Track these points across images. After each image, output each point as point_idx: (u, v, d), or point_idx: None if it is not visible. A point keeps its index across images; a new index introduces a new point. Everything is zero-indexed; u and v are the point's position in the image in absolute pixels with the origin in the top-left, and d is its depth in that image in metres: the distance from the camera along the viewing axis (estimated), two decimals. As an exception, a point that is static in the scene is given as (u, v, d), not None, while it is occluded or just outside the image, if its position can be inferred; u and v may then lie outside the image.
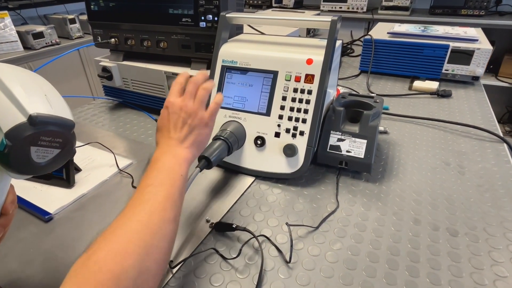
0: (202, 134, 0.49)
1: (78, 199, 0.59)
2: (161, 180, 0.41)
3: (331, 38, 0.58)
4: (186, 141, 0.47)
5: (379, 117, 0.62)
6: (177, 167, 0.43)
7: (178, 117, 0.47)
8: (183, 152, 0.46)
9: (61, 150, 0.32)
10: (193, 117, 0.48)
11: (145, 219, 0.36)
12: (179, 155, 0.45)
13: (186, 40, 0.78)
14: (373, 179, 0.62)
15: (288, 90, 0.60)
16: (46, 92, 0.32)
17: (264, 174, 0.62)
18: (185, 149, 0.46)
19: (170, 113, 0.48)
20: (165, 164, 0.43)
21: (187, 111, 0.48)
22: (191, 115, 0.48)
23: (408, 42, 1.08)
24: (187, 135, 0.47)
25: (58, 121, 0.31)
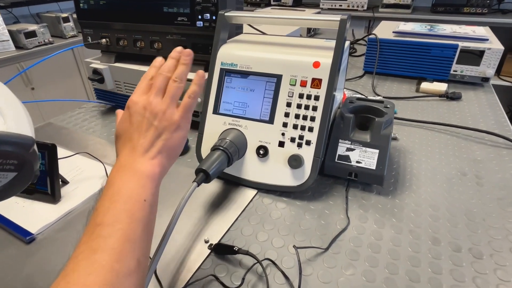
0: (173, 138, 0.39)
1: (63, 216, 0.53)
2: (115, 214, 0.31)
3: (340, 39, 0.53)
4: (152, 150, 0.37)
5: (391, 125, 0.57)
6: (138, 191, 0.34)
7: (141, 119, 0.38)
8: (147, 166, 0.36)
9: (17, 173, 0.27)
10: (160, 117, 0.38)
11: (93, 281, 0.27)
12: (142, 171, 0.35)
13: (182, 41, 0.72)
14: (385, 191, 0.58)
15: (293, 95, 0.56)
16: None
17: (267, 186, 0.57)
18: (151, 161, 0.37)
19: (132, 113, 0.38)
20: (121, 189, 0.33)
21: (152, 111, 0.38)
22: (157, 115, 0.38)
23: (415, 42, 1.04)
24: (153, 140, 0.37)
25: (10, 139, 0.25)
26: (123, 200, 0.33)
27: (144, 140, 0.37)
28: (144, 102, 0.39)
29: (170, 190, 0.58)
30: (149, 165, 0.36)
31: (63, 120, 0.86)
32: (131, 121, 0.38)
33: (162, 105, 0.39)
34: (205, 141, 0.61)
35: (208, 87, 0.61)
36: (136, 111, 0.38)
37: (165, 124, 0.38)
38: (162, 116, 0.38)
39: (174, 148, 0.40)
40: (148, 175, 0.36)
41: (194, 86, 0.42)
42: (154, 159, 0.37)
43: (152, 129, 0.38)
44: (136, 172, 0.35)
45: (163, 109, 0.39)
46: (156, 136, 0.38)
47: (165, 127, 0.38)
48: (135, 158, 0.36)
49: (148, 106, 0.38)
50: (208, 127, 0.61)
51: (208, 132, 0.61)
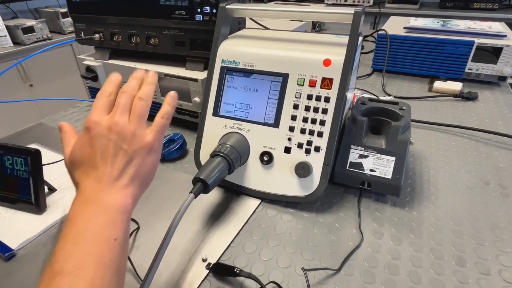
0: (145, 163, 0.33)
1: (48, 228, 0.49)
2: (79, 259, 0.26)
3: (354, 34, 0.48)
4: (122, 178, 0.32)
5: (408, 129, 0.52)
6: (107, 229, 0.29)
7: (107, 142, 0.32)
8: (117, 198, 0.31)
9: None
10: (129, 139, 0.32)
11: None
12: (112, 205, 0.30)
13: (180, 36, 0.67)
14: (401, 202, 0.52)
15: (300, 96, 0.50)
16: None
17: (272, 196, 0.52)
18: (121, 192, 0.31)
19: (94, 136, 0.32)
20: (87, 228, 0.28)
21: (120, 132, 0.32)
22: (126, 137, 0.32)
23: (427, 38, 0.98)
24: (123, 167, 0.32)
25: None
26: (88, 241, 0.28)
27: (112, 168, 0.32)
28: (108, 122, 0.32)
29: (166, 198, 0.53)
30: (119, 197, 0.31)
31: (54, 121, 0.81)
32: (93, 144, 0.32)
33: (131, 126, 0.33)
34: (204, 146, 0.57)
35: (207, 86, 0.56)
36: (99, 133, 0.32)
37: (136, 147, 0.33)
38: (132, 138, 0.33)
39: (148, 174, 0.34)
40: (119, 209, 0.31)
41: (167, 107, 0.37)
42: (125, 189, 0.32)
43: (121, 154, 0.32)
44: (104, 207, 0.30)
45: (133, 130, 0.33)
46: (126, 162, 0.32)
47: (136, 150, 0.33)
48: (102, 189, 0.31)
49: (114, 127, 0.32)
50: (208, 130, 0.56)
51: (207, 135, 0.56)
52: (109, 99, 0.34)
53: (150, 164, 0.34)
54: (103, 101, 0.34)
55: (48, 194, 0.55)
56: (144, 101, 0.35)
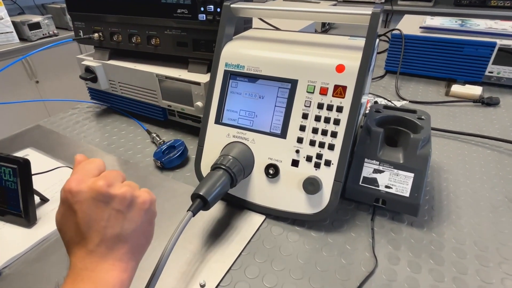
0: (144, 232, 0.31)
1: (38, 244, 0.46)
2: None
3: (371, 37, 0.43)
4: (117, 248, 0.29)
5: (429, 143, 0.47)
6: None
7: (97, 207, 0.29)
8: (113, 273, 0.28)
9: None
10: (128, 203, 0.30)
11: None
12: (109, 281, 0.28)
13: (182, 36, 0.63)
14: (419, 222, 0.48)
15: (310, 105, 0.46)
16: None
17: (277, 213, 0.48)
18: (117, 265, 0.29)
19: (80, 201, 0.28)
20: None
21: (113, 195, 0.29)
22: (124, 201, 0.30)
23: (445, 39, 0.92)
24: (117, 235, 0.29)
25: None
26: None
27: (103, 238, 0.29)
28: (93, 184, 0.29)
29: (163, 212, 0.50)
30: (115, 272, 0.28)
31: (53, 123, 0.78)
32: (82, 211, 0.28)
33: (125, 187, 0.30)
34: (205, 155, 0.53)
35: (210, 92, 0.52)
36: (87, 198, 0.28)
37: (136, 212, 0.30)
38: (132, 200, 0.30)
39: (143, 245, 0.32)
40: (116, 284, 0.28)
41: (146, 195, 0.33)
42: (121, 262, 0.29)
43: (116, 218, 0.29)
44: (98, 284, 0.27)
45: (130, 191, 0.30)
46: (120, 227, 0.29)
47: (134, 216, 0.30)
48: (95, 263, 0.28)
49: (104, 188, 0.29)
50: (209, 139, 0.52)
51: (209, 144, 0.52)
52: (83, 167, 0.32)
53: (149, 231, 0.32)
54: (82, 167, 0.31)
55: (40, 204, 0.52)
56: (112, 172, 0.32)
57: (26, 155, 0.65)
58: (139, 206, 0.31)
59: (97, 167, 0.32)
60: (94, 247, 0.28)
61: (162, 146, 0.63)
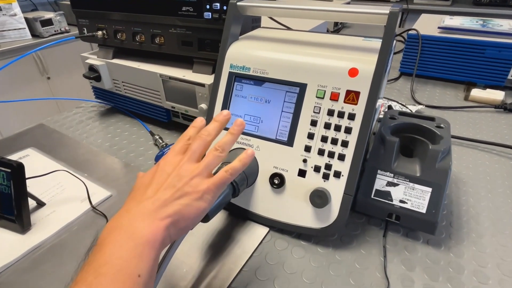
0: (191, 207, 0.31)
1: (31, 251, 0.44)
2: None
3: (388, 39, 0.40)
4: (163, 210, 0.29)
5: (449, 155, 0.44)
6: (132, 262, 0.26)
7: (165, 177, 0.32)
8: (150, 228, 0.28)
9: None
10: (185, 181, 0.31)
11: None
12: (142, 235, 0.28)
13: (187, 35, 0.61)
14: (436, 240, 0.44)
15: (320, 111, 0.43)
16: None
17: (282, 225, 0.45)
18: (156, 223, 0.29)
19: (158, 171, 0.33)
20: (111, 258, 0.26)
21: (179, 173, 0.32)
22: (183, 179, 0.32)
23: (466, 40, 0.87)
24: (168, 201, 0.30)
25: None
26: (111, 275, 0.25)
27: (157, 197, 0.30)
28: (175, 162, 0.33)
29: (162, 221, 0.47)
30: (152, 227, 0.29)
31: (56, 122, 0.77)
32: (154, 176, 0.33)
33: (193, 171, 0.32)
34: (207, 162, 0.50)
35: (213, 94, 0.50)
36: (163, 169, 0.33)
37: (188, 190, 0.31)
38: (188, 181, 0.32)
39: (189, 218, 0.31)
40: (148, 241, 0.28)
41: (237, 163, 0.35)
42: (161, 220, 0.29)
43: (171, 189, 0.31)
44: (133, 235, 0.28)
45: (192, 175, 0.32)
46: (173, 197, 0.31)
47: (187, 192, 0.31)
48: (138, 215, 0.29)
49: (177, 167, 0.33)
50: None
51: (211, 150, 0.49)
52: (187, 143, 0.35)
53: (195, 210, 0.31)
54: (180, 144, 0.35)
55: (36, 209, 0.50)
56: (218, 152, 0.34)
57: (26, 155, 0.63)
58: (197, 191, 0.31)
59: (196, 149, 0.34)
60: (146, 200, 0.30)
61: (164, 150, 0.60)
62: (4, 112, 1.98)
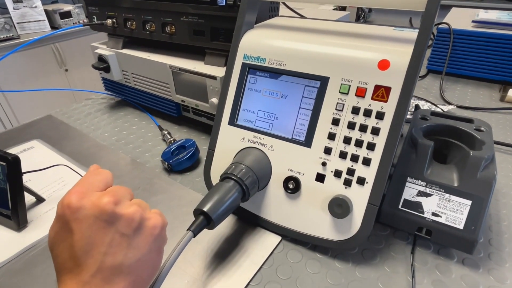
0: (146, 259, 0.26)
1: (26, 250, 0.41)
2: None
3: (427, 27, 0.34)
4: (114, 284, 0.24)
5: (493, 163, 0.38)
6: None
7: (101, 228, 0.24)
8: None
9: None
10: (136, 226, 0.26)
11: None
12: None
13: (199, 24, 0.56)
14: (473, 260, 0.39)
15: (343, 109, 0.38)
16: None
17: (296, 235, 0.41)
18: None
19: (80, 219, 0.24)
20: None
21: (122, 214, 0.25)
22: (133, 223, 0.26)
23: (503, 35, 0.79)
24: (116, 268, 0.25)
25: None
26: None
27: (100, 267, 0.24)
28: (98, 200, 0.25)
29: (165, 224, 0.44)
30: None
31: (65, 114, 0.75)
32: (80, 231, 0.24)
33: (134, 207, 0.26)
34: (216, 161, 0.46)
35: (224, 87, 0.45)
36: (88, 216, 0.24)
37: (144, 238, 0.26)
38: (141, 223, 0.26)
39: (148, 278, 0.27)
40: None
41: None
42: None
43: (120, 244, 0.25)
44: None
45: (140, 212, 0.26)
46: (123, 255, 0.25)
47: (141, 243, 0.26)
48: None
49: (110, 206, 0.25)
50: (222, 142, 0.45)
51: (220, 148, 0.45)
52: None
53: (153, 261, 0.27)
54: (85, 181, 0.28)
55: (35, 205, 0.47)
56: None
57: (31, 147, 0.61)
58: (148, 231, 0.27)
59: (104, 180, 0.28)
60: (89, 277, 0.24)
61: (172, 146, 0.57)
62: (23, 102, 2.01)
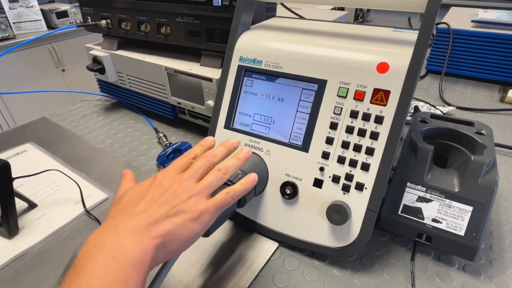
0: (186, 228, 0.28)
1: (16, 258, 0.40)
2: None
3: (427, 29, 0.33)
4: (154, 227, 0.26)
5: (494, 168, 0.37)
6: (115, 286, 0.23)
7: (162, 191, 0.29)
8: (139, 247, 0.25)
9: None
10: (182, 199, 0.29)
11: None
12: (129, 255, 0.24)
13: (194, 25, 0.55)
14: (474, 267, 0.38)
15: (341, 113, 0.37)
16: None
17: (293, 241, 0.40)
18: (147, 241, 0.26)
19: (155, 183, 0.30)
20: (93, 283, 0.22)
21: (177, 190, 0.29)
22: (181, 196, 0.29)
23: (503, 35, 0.78)
24: (162, 219, 0.27)
25: None
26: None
27: (150, 212, 0.27)
28: (174, 178, 0.31)
29: (160, 230, 0.43)
30: (142, 247, 0.25)
31: (59, 116, 0.74)
32: (149, 189, 0.30)
33: (192, 189, 0.30)
34: (212, 165, 0.45)
35: (220, 90, 0.44)
36: (160, 183, 0.30)
37: (185, 208, 0.28)
38: (185, 199, 0.29)
39: (181, 240, 0.28)
40: (136, 262, 0.24)
41: (239, 186, 0.32)
42: (152, 240, 0.26)
43: (166, 206, 0.28)
44: (119, 255, 0.24)
45: (191, 193, 0.29)
46: (167, 215, 0.28)
47: (183, 211, 0.28)
48: (126, 232, 0.26)
49: (176, 184, 0.30)
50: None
51: (216, 153, 0.44)
52: (191, 161, 0.33)
53: (190, 232, 0.28)
54: (183, 160, 0.33)
55: (27, 210, 0.46)
56: (220, 174, 0.32)
57: (24, 150, 0.60)
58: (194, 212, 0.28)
59: None
60: (138, 217, 0.27)
61: (167, 149, 0.56)
62: (19, 103, 1.99)
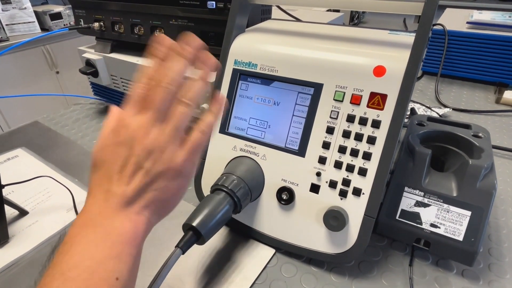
0: (169, 188, 0.26)
1: (7, 268, 0.39)
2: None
3: (424, 32, 0.33)
4: (137, 202, 0.25)
5: (493, 171, 0.36)
6: (109, 264, 0.23)
7: (129, 154, 0.25)
8: (127, 225, 0.24)
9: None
10: (155, 157, 0.25)
11: None
12: (119, 233, 0.24)
13: (188, 27, 0.55)
14: (473, 271, 0.37)
15: (338, 117, 0.36)
16: None
17: (290, 248, 0.39)
18: (133, 218, 0.25)
19: (120, 143, 0.25)
20: (83, 261, 0.22)
21: (146, 146, 0.25)
22: (152, 154, 0.25)
23: (498, 37, 0.79)
24: (140, 190, 0.25)
25: None
26: (82, 279, 0.22)
27: (126, 188, 0.25)
28: (136, 128, 0.25)
29: (153, 238, 0.42)
30: (130, 224, 0.25)
31: (52, 119, 0.73)
32: (116, 152, 0.25)
33: (161, 139, 0.25)
34: (207, 171, 0.44)
35: (214, 94, 0.44)
36: (124, 141, 0.25)
37: (161, 169, 0.26)
38: (158, 156, 0.25)
39: (169, 201, 0.27)
40: (127, 239, 0.24)
41: (210, 116, 0.29)
42: (139, 215, 0.25)
43: (140, 174, 0.25)
44: (109, 233, 0.24)
45: (162, 146, 0.26)
46: (145, 184, 0.25)
47: (160, 172, 0.26)
48: (110, 211, 0.25)
49: (140, 139, 0.25)
50: (212, 152, 0.44)
51: (211, 158, 0.44)
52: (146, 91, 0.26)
53: (174, 190, 0.27)
54: (137, 92, 0.26)
55: (18, 218, 0.45)
56: (187, 108, 0.26)
57: (15, 156, 0.59)
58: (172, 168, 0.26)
59: None
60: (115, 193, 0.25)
61: (162, 154, 0.55)
62: (13, 106, 1.97)
